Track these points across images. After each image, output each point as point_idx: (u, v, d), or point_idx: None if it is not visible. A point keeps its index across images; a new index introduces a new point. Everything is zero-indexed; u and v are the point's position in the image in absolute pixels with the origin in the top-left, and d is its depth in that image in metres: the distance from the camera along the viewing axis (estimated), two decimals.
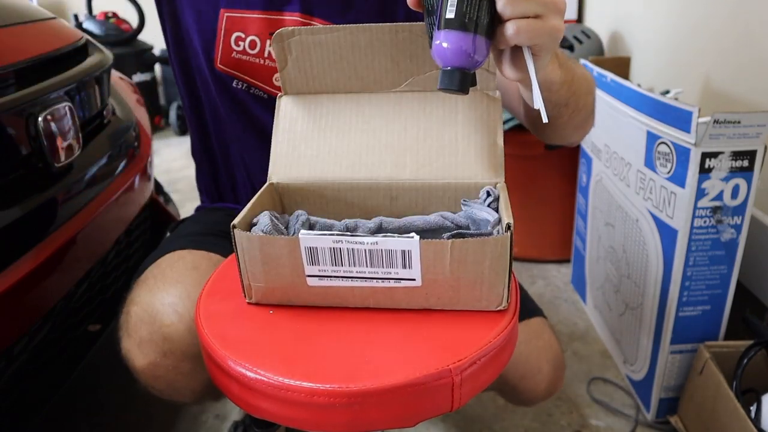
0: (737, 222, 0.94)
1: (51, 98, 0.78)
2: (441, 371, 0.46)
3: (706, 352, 0.98)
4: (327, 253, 0.50)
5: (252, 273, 0.53)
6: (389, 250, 0.49)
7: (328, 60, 0.62)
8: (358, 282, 0.52)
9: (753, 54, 1.11)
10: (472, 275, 0.51)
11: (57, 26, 0.97)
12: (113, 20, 3.02)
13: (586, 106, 0.69)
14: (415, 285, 0.51)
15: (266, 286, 0.53)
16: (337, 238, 0.49)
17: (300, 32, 0.60)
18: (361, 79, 0.63)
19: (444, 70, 0.49)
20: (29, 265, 0.71)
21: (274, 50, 0.61)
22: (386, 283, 0.51)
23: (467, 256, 0.49)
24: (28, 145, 0.74)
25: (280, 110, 0.65)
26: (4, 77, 0.75)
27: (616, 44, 1.72)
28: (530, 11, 0.47)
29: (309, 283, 0.52)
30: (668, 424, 1.10)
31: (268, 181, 0.63)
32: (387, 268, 0.50)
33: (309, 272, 0.52)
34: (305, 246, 0.50)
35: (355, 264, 0.50)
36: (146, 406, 1.17)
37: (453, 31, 0.47)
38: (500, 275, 0.51)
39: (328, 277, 0.52)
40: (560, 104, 0.63)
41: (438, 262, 0.50)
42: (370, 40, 0.60)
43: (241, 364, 0.48)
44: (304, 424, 0.47)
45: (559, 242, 1.68)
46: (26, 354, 0.74)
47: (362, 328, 0.52)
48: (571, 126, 0.70)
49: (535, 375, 0.75)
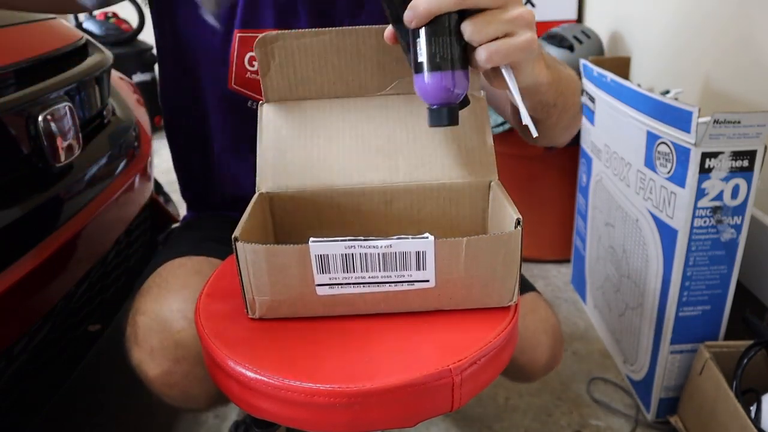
0: (737, 222, 0.94)
1: (51, 98, 0.78)
2: (441, 371, 0.46)
3: (706, 352, 0.98)
4: (338, 259, 0.49)
5: (257, 286, 0.51)
6: (403, 252, 0.49)
7: (312, 65, 0.60)
8: (370, 288, 0.51)
9: (753, 54, 1.11)
10: (485, 272, 0.51)
11: (57, 26, 0.97)
12: (113, 20, 3.02)
13: (573, 105, 0.70)
14: (428, 286, 0.51)
15: (272, 299, 0.52)
16: (349, 244, 0.48)
17: (284, 37, 0.59)
18: (347, 84, 0.62)
19: (431, 108, 0.50)
20: (29, 265, 0.71)
21: (257, 56, 0.59)
22: (399, 287, 0.51)
23: (481, 253, 0.49)
24: (28, 145, 0.74)
25: (263, 118, 0.63)
26: (4, 77, 0.75)
27: (616, 44, 1.72)
28: (498, 32, 0.47)
29: (318, 293, 0.51)
30: (668, 424, 1.10)
31: (257, 191, 0.61)
32: (400, 271, 0.50)
33: (319, 281, 0.50)
34: (315, 254, 0.49)
35: (368, 269, 0.50)
36: (146, 406, 1.17)
37: (429, 73, 0.48)
38: (512, 270, 0.51)
39: (339, 285, 0.51)
40: (549, 105, 0.63)
41: (453, 261, 0.50)
42: (356, 44, 0.59)
43: (241, 364, 0.48)
44: (304, 424, 0.47)
45: (559, 242, 1.68)
46: (26, 354, 0.74)
47: (362, 328, 0.52)
48: (559, 127, 0.71)
49: (535, 348, 0.76)
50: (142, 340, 0.65)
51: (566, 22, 1.87)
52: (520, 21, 0.48)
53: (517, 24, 0.48)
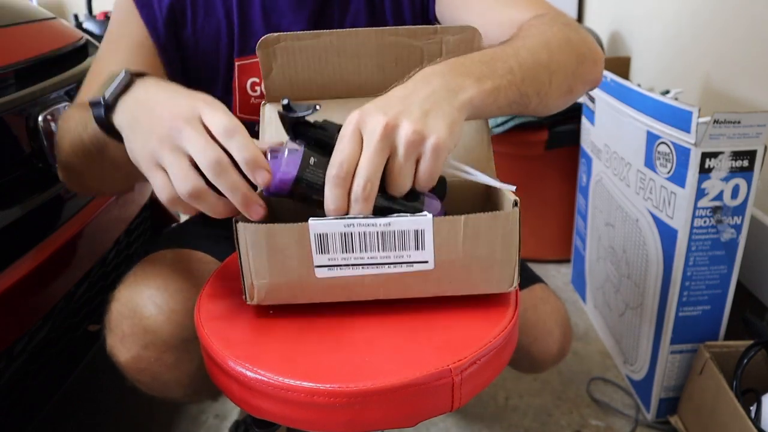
0: (737, 222, 0.94)
1: (51, 98, 0.78)
2: (441, 371, 0.46)
3: (706, 352, 0.98)
4: (337, 238, 0.49)
5: (256, 269, 0.51)
6: (402, 230, 0.49)
7: (313, 66, 0.61)
8: (369, 269, 0.51)
9: (753, 54, 1.12)
10: (484, 252, 0.51)
11: (57, 26, 0.97)
12: None
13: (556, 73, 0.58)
14: (427, 268, 0.51)
15: (271, 282, 0.52)
16: (348, 222, 0.48)
17: (285, 38, 0.60)
18: (347, 84, 0.62)
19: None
20: (29, 265, 0.71)
21: (259, 57, 0.60)
22: (398, 268, 0.51)
23: (479, 232, 0.50)
24: (28, 145, 0.74)
25: (264, 118, 0.64)
26: (4, 77, 0.75)
27: (616, 44, 1.72)
28: (409, 173, 0.47)
29: (317, 275, 0.51)
30: (668, 424, 1.10)
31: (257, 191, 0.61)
32: (399, 251, 0.50)
33: (318, 262, 0.50)
34: (315, 233, 0.49)
35: (367, 249, 0.50)
36: (146, 406, 1.17)
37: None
38: (511, 254, 0.51)
39: (338, 267, 0.51)
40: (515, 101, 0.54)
41: (451, 240, 0.50)
42: (356, 45, 0.60)
43: (241, 364, 0.48)
44: (304, 424, 0.47)
45: (559, 242, 1.68)
46: (26, 354, 0.74)
47: (362, 328, 0.52)
48: (552, 100, 0.60)
49: (546, 337, 0.79)
50: (114, 326, 0.66)
51: None
52: (405, 143, 0.46)
53: (408, 147, 0.46)
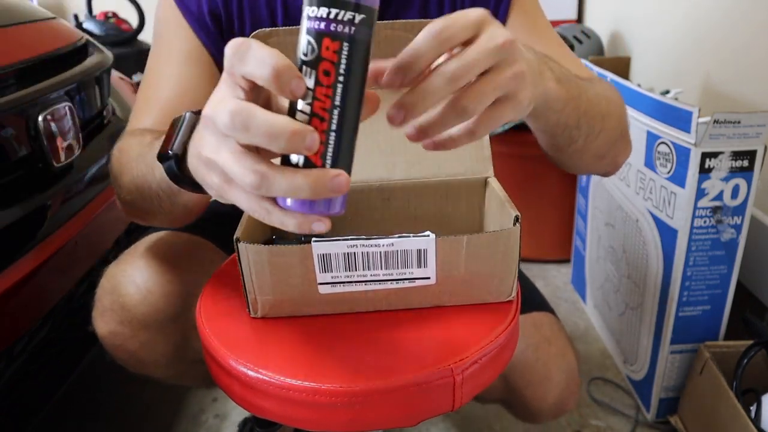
0: (737, 222, 0.94)
1: (51, 98, 0.78)
2: (442, 370, 0.46)
3: (706, 352, 0.98)
4: (341, 258, 0.49)
5: (259, 286, 0.51)
6: (405, 250, 0.49)
7: None
8: (372, 285, 0.51)
9: (753, 54, 1.12)
10: (485, 269, 0.51)
11: (57, 26, 0.97)
12: (113, 20, 3.02)
13: (606, 130, 0.59)
14: (429, 283, 0.51)
15: (274, 298, 0.52)
16: (351, 243, 0.48)
17: (278, 33, 0.58)
18: None
19: None
20: (29, 265, 0.71)
21: None
22: (400, 284, 0.51)
23: (481, 250, 0.50)
24: (28, 145, 0.74)
25: None
26: (4, 77, 0.75)
27: (616, 44, 1.72)
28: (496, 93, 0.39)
29: (321, 291, 0.51)
30: (668, 424, 1.10)
31: None
32: (402, 269, 0.50)
33: (321, 280, 0.50)
34: (318, 253, 0.49)
35: (370, 267, 0.50)
36: (146, 406, 1.17)
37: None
38: (510, 267, 0.52)
39: (341, 284, 0.51)
40: (570, 126, 0.54)
41: (453, 259, 0.50)
42: None
43: (242, 363, 0.48)
44: (306, 424, 0.47)
45: (559, 242, 1.68)
46: (26, 354, 0.74)
47: (363, 328, 0.52)
48: (589, 154, 0.60)
49: (543, 383, 0.68)
50: (98, 299, 0.68)
51: (566, 22, 1.87)
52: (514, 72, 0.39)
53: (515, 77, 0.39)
